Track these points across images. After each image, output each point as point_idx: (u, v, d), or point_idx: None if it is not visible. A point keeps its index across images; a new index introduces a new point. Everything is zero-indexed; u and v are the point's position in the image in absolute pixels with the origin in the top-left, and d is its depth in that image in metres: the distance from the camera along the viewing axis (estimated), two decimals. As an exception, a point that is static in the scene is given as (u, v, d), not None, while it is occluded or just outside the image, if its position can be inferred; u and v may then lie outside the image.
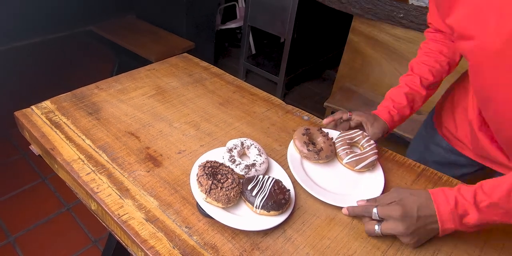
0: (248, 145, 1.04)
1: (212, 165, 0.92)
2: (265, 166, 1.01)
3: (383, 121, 1.18)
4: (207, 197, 0.86)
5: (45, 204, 2.40)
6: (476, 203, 0.79)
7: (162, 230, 0.86)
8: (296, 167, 1.04)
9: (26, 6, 3.84)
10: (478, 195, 0.80)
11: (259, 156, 1.01)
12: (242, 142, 1.04)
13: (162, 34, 3.46)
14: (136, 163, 1.03)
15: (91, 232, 2.25)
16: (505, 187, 0.77)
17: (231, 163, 0.97)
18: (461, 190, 0.82)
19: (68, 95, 1.26)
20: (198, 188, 0.88)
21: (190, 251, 0.82)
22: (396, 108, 1.19)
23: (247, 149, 1.04)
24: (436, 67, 1.19)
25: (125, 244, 0.91)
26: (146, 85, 1.35)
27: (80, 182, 0.96)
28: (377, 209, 0.87)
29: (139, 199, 0.93)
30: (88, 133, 1.11)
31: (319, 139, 1.09)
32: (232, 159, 0.98)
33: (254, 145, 1.04)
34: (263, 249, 0.84)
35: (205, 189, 0.86)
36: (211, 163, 0.92)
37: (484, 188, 0.80)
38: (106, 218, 0.92)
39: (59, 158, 1.02)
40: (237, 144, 1.03)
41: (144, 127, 1.16)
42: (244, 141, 1.04)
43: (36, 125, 1.12)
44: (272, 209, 0.88)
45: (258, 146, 1.05)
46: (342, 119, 1.20)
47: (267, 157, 1.04)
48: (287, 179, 1.01)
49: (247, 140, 1.05)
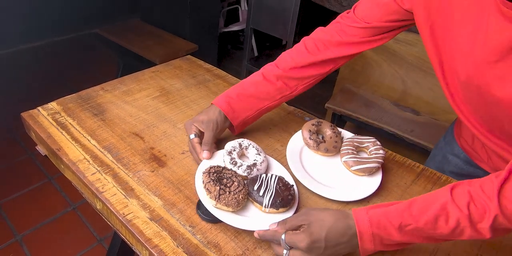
0: (246, 145, 1.04)
1: (216, 170, 0.91)
2: (266, 165, 1.01)
3: (214, 109, 1.06)
4: (217, 203, 0.85)
5: (51, 204, 2.40)
6: (401, 227, 0.75)
7: (166, 229, 0.86)
8: (293, 158, 1.05)
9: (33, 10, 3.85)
10: (404, 218, 0.75)
11: (258, 155, 1.01)
12: (240, 143, 1.03)
13: (166, 36, 3.46)
14: (141, 163, 1.03)
15: (96, 231, 2.25)
16: (432, 212, 0.73)
17: (233, 166, 0.97)
18: (388, 213, 0.77)
19: (74, 97, 1.26)
20: (207, 195, 0.86)
21: (193, 249, 0.82)
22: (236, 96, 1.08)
23: (246, 150, 1.04)
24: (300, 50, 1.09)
25: (130, 243, 0.91)
26: (151, 87, 1.35)
27: (86, 182, 0.96)
28: (284, 236, 0.79)
29: (143, 198, 0.93)
30: (93, 134, 1.11)
31: (328, 133, 1.10)
32: (233, 161, 0.98)
33: (252, 145, 1.04)
34: (265, 247, 0.84)
35: (215, 195, 0.85)
36: (214, 169, 0.91)
37: (412, 211, 0.75)
38: (111, 217, 0.92)
39: (65, 159, 1.02)
40: (236, 146, 1.02)
41: (148, 128, 1.16)
42: (242, 142, 1.04)
43: (42, 126, 1.12)
44: (281, 206, 0.89)
45: (255, 145, 1.05)
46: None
47: (265, 155, 1.04)
48: (288, 174, 1.02)
49: (244, 140, 1.05)
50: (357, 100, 2.66)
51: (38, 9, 3.89)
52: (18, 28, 3.85)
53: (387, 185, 1.05)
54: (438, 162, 1.31)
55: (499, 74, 0.78)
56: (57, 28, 4.18)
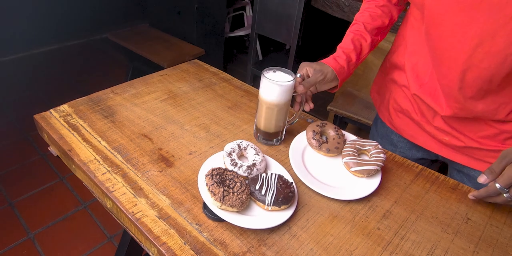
0: (245, 146, 1.04)
1: (218, 172, 0.91)
2: (265, 164, 1.01)
3: (327, 66, 1.16)
4: (221, 204, 0.85)
5: (63, 203, 2.41)
6: None
7: (174, 227, 0.86)
8: (296, 157, 1.06)
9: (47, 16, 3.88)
10: None
11: (257, 155, 1.01)
12: (239, 144, 1.03)
13: (174, 41, 3.47)
14: (149, 163, 1.04)
15: (106, 229, 2.26)
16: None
17: (233, 167, 0.96)
18: None
19: (85, 99, 1.27)
20: (211, 197, 0.86)
21: (200, 247, 0.82)
22: (344, 53, 1.18)
23: (244, 151, 1.04)
24: (377, 12, 1.21)
25: (139, 240, 0.91)
26: (159, 90, 1.36)
27: (96, 181, 0.96)
28: (498, 184, 0.88)
29: (152, 197, 0.93)
30: (103, 135, 1.12)
31: (331, 135, 1.11)
32: (234, 162, 0.97)
33: (250, 146, 1.04)
34: (269, 245, 0.85)
35: (219, 197, 0.85)
36: (217, 171, 0.91)
37: None
38: (121, 216, 0.93)
39: (76, 159, 1.02)
40: (235, 147, 1.02)
41: (156, 130, 1.16)
42: (240, 143, 1.04)
43: (54, 128, 1.13)
44: (283, 203, 0.89)
45: (253, 146, 1.05)
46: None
47: (263, 155, 1.04)
48: (286, 172, 1.02)
49: (243, 141, 1.05)
50: (358, 103, 2.67)
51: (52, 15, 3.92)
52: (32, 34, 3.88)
53: (387, 184, 1.05)
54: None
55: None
56: (70, 33, 4.21)
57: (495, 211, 1.00)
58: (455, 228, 0.93)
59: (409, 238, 0.89)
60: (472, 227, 0.94)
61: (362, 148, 1.08)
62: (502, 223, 0.96)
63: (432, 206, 0.99)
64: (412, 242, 0.88)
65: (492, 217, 0.98)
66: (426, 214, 0.96)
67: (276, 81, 1.02)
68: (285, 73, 1.07)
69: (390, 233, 0.90)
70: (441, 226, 0.93)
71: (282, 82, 1.02)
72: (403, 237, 0.89)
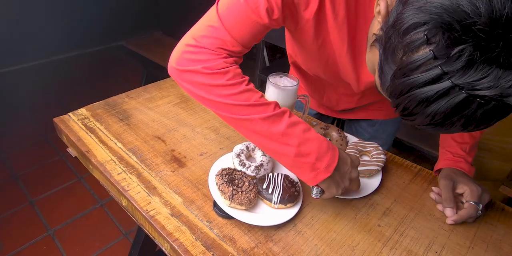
0: (253, 147, 1.04)
1: (227, 172, 0.92)
2: (272, 164, 1.01)
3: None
4: (231, 203, 0.86)
5: (81, 201, 2.42)
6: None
7: (186, 224, 0.87)
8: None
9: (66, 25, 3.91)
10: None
11: (264, 156, 1.01)
12: (247, 146, 1.04)
13: (185, 48, 3.47)
14: (163, 164, 1.04)
15: (122, 225, 2.27)
16: None
17: (242, 167, 0.97)
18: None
19: (102, 103, 1.28)
20: (221, 196, 0.87)
21: (211, 243, 0.83)
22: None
23: (252, 152, 1.04)
24: None
25: (153, 237, 0.92)
26: (172, 94, 1.36)
27: (112, 181, 0.97)
28: (472, 201, 0.93)
29: (165, 196, 0.94)
30: (119, 137, 1.13)
31: (334, 137, 1.11)
32: (242, 163, 0.98)
33: (258, 147, 1.05)
34: (276, 241, 0.85)
35: (228, 196, 0.86)
36: (226, 171, 0.92)
37: None
38: (136, 213, 0.93)
39: (93, 160, 1.03)
40: (243, 149, 1.03)
41: (169, 132, 1.17)
42: (248, 144, 1.04)
43: (72, 130, 1.14)
44: (289, 202, 0.89)
45: None
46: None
47: None
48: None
49: (251, 143, 1.05)
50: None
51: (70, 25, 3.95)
52: (52, 42, 3.91)
53: (387, 184, 1.05)
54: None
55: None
56: (87, 41, 4.24)
57: (489, 209, 1.00)
58: (451, 225, 0.93)
59: (408, 235, 0.89)
60: (468, 224, 0.94)
61: (363, 149, 1.09)
62: (496, 221, 0.96)
63: (430, 204, 0.99)
64: (411, 238, 0.88)
65: (486, 215, 0.98)
66: (424, 212, 0.96)
67: (281, 85, 1.03)
68: (290, 78, 1.07)
69: (390, 229, 0.90)
70: (438, 223, 0.94)
71: (287, 87, 1.03)
72: (402, 234, 0.89)
